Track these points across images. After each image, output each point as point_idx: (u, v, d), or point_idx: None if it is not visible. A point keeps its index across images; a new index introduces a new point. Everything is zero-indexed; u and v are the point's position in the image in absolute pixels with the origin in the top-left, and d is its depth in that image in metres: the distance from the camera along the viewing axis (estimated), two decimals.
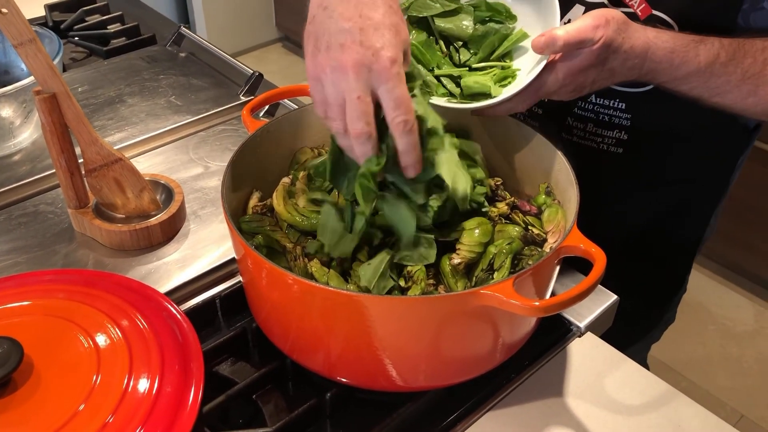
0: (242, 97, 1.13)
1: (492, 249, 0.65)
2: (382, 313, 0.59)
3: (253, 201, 0.74)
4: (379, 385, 0.67)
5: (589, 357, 0.76)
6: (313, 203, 0.69)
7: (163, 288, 0.80)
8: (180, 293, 0.81)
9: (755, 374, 1.93)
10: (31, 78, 0.93)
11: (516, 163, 0.76)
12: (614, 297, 0.81)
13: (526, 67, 0.70)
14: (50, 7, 1.39)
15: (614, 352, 0.77)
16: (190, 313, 0.74)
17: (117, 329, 0.69)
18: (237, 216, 0.73)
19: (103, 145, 0.81)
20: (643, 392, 0.72)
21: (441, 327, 0.60)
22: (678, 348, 1.41)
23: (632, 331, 1.08)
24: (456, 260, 0.63)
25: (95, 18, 1.39)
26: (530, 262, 0.65)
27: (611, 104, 0.84)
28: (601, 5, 0.79)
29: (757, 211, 2.02)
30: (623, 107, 0.83)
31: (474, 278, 0.64)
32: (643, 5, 0.78)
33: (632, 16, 0.78)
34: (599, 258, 0.60)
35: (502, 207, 0.69)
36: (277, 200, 0.69)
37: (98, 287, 0.75)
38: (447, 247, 0.66)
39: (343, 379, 0.67)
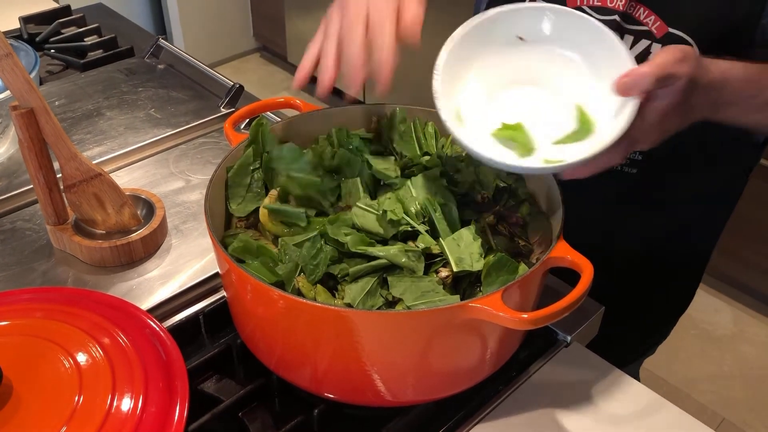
0: (222, 109, 1.12)
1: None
2: (370, 329, 0.58)
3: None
4: (368, 401, 0.66)
5: (576, 367, 0.76)
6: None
7: (145, 305, 0.78)
8: (162, 310, 0.79)
9: (735, 377, 1.95)
10: (8, 92, 0.92)
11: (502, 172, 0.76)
12: (600, 307, 0.81)
13: (606, 116, 0.63)
14: (25, 20, 1.37)
15: (601, 362, 0.77)
16: (174, 330, 0.73)
17: (98, 348, 0.67)
18: (220, 231, 0.72)
19: (82, 160, 0.80)
20: (631, 402, 0.72)
21: (429, 341, 0.60)
22: (659, 353, 1.43)
23: (634, 350, 1.09)
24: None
25: (71, 30, 1.37)
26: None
27: None
28: (613, 22, 0.79)
29: (734, 216, 2.04)
30: None
31: (462, 291, 0.64)
32: (659, 23, 0.78)
33: (647, 34, 0.79)
34: (587, 269, 0.60)
35: (489, 218, 0.69)
36: (263, 215, 0.68)
37: (78, 305, 0.74)
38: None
39: (331, 395, 0.66)
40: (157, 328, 0.72)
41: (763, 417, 1.84)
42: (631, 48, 0.79)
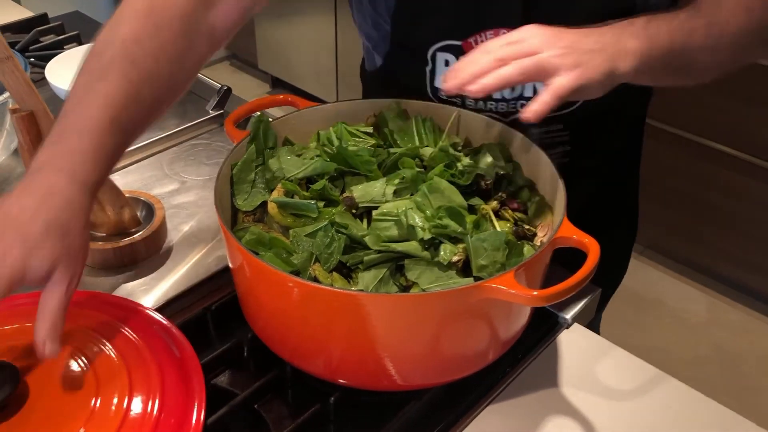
0: (211, 111, 1.13)
1: None
2: (390, 312, 0.60)
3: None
4: (383, 385, 0.67)
5: (578, 347, 0.78)
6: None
7: (151, 305, 0.79)
8: (168, 310, 0.80)
9: (713, 363, 2.01)
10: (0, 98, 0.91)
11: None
12: (597, 289, 0.84)
13: None
14: (2, 29, 1.36)
15: (602, 341, 0.79)
16: (181, 328, 0.73)
17: (112, 348, 0.68)
18: (228, 227, 0.73)
19: None
20: (634, 377, 0.75)
21: (445, 322, 0.61)
22: (637, 341, 1.48)
23: None
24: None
25: (50, 38, 1.37)
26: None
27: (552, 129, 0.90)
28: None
29: (702, 205, 2.11)
30: (561, 127, 0.90)
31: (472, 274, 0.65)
32: None
33: None
34: (593, 247, 0.62)
35: (493, 204, 0.71)
36: (272, 208, 0.69)
37: (86, 306, 0.73)
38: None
39: (347, 382, 0.67)
40: (169, 326, 0.72)
41: (740, 399, 1.89)
42: None
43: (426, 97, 0.91)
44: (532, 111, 0.65)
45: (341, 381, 0.67)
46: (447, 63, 0.87)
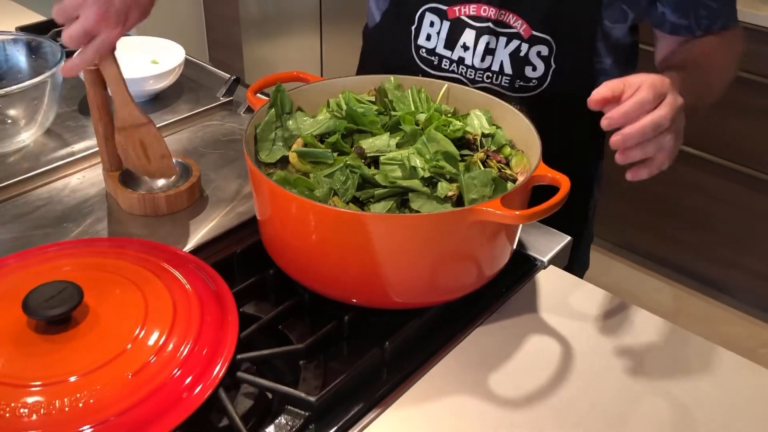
0: (221, 98, 1.25)
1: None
2: (396, 231, 0.72)
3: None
4: (388, 303, 0.79)
5: (553, 283, 0.91)
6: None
7: (187, 248, 0.90)
8: (200, 254, 0.90)
9: None
10: (38, 78, 1.02)
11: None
12: (569, 238, 0.97)
13: None
14: (21, 29, 1.47)
15: (575, 279, 0.92)
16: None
17: (159, 281, 0.78)
18: None
19: (134, 107, 0.91)
20: (601, 305, 0.88)
21: (442, 244, 0.74)
22: None
23: None
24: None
25: None
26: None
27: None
28: (487, 28, 0.99)
29: (668, 203, 2.26)
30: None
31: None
32: (525, 26, 0.98)
33: (517, 36, 0.99)
34: (564, 182, 0.75)
35: (480, 155, 0.84)
36: (293, 157, 0.82)
37: (133, 249, 0.84)
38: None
39: (358, 301, 0.79)
40: (203, 264, 0.83)
41: None
42: (505, 47, 1.01)
43: (410, 59, 1.08)
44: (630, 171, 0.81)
45: (354, 301, 0.79)
46: (432, 24, 1.04)
